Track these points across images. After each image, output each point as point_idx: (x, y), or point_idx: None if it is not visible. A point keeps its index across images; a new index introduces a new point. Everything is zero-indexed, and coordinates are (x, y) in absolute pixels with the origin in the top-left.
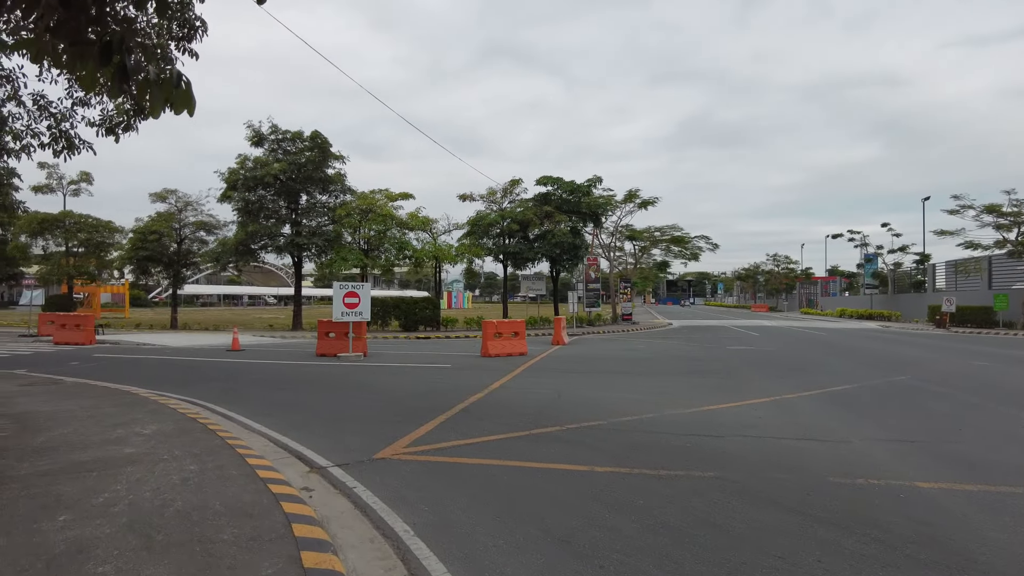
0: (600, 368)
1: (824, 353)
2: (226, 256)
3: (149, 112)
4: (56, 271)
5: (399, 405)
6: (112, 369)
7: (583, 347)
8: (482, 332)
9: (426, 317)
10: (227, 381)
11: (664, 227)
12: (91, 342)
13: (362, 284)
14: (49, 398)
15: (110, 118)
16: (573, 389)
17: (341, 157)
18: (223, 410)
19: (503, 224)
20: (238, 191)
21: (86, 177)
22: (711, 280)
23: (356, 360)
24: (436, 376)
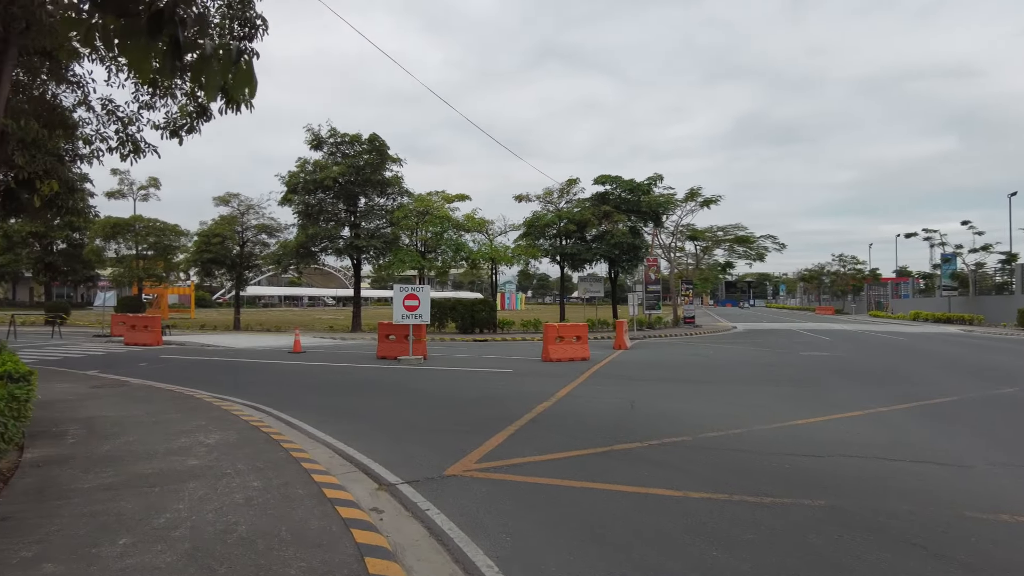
0: (670, 375)
1: (910, 360)
2: (287, 258)
3: (205, 95)
4: (127, 273)
5: (465, 413)
6: (177, 371)
7: (647, 352)
8: (543, 336)
9: (483, 319)
10: (289, 385)
11: (727, 226)
12: (159, 343)
13: (422, 286)
14: (117, 402)
15: (173, 120)
16: (646, 399)
17: (398, 160)
18: (286, 416)
19: (560, 224)
20: (298, 194)
21: (154, 182)
22: (772, 281)
23: (416, 363)
24: (499, 382)
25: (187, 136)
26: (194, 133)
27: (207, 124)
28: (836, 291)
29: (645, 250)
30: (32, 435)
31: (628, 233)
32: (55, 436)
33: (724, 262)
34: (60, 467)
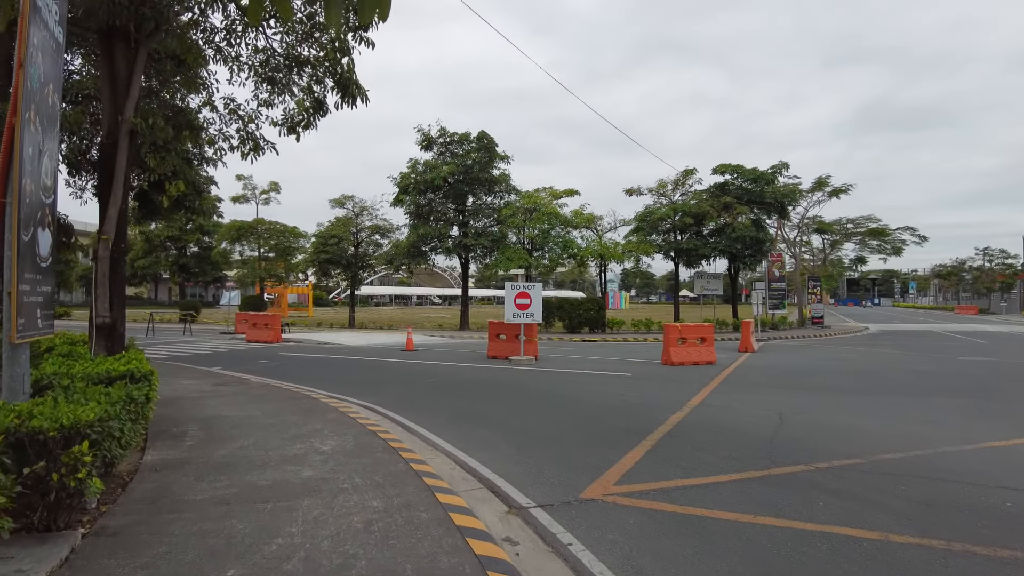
0: (814, 384)
1: None
2: (399, 258)
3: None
4: (250, 274)
5: (591, 422)
6: (295, 369)
7: (778, 355)
8: (663, 337)
9: (591, 319)
10: (404, 384)
11: (857, 218)
12: (278, 340)
13: (533, 284)
14: (236, 401)
15: (291, 117)
16: (795, 411)
17: (506, 157)
18: (402, 419)
19: (675, 218)
20: (409, 195)
21: (275, 187)
22: (900, 279)
23: (528, 364)
24: (620, 386)
25: (304, 132)
26: (311, 129)
27: (323, 120)
28: (979, 289)
29: (769, 244)
30: (154, 435)
31: (751, 226)
32: (175, 437)
33: (855, 257)
34: (176, 472)
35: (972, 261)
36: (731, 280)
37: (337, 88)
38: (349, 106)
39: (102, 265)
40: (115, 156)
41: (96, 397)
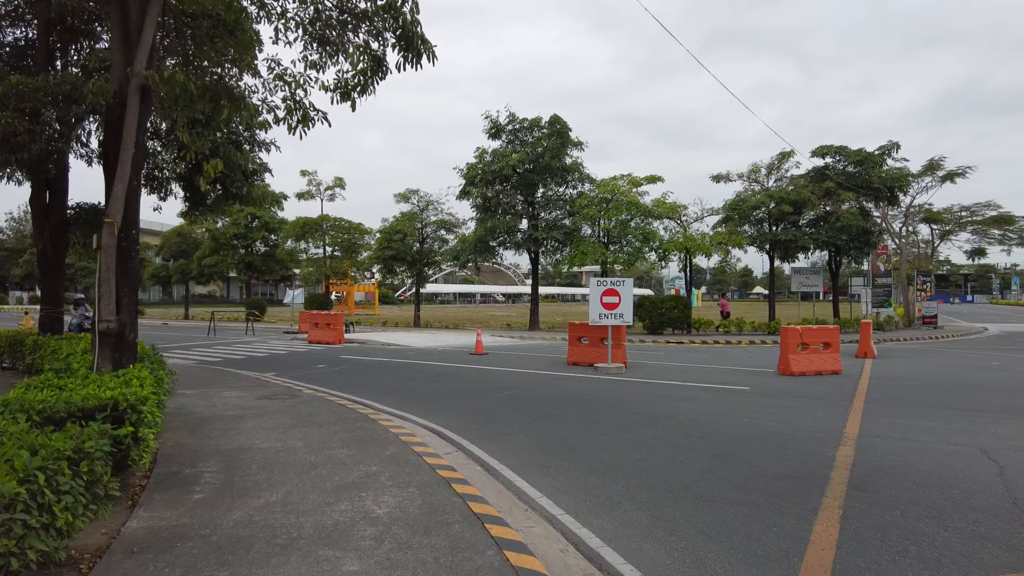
0: (985, 403)
1: None
2: (466, 254)
3: None
4: (316, 272)
5: (730, 461)
6: (355, 376)
7: (908, 363)
8: (781, 342)
9: (675, 318)
10: (478, 398)
11: (973, 205)
12: (340, 341)
13: (622, 280)
14: (278, 422)
15: (345, 81)
16: (1003, 447)
17: (580, 144)
18: (480, 453)
19: (770, 206)
20: (476, 187)
21: (340, 182)
22: (998, 274)
23: (617, 373)
24: (742, 405)
25: (360, 98)
26: (368, 94)
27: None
28: None
29: (878, 235)
30: (160, 478)
31: (857, 214)
32: (183, 484)
33: (973, 248)
34: (158, 559)
35: None
36: (832, 275)
37: (398, 44)
38: (413, 65)
39: (107, 256)
40: (123, 119)
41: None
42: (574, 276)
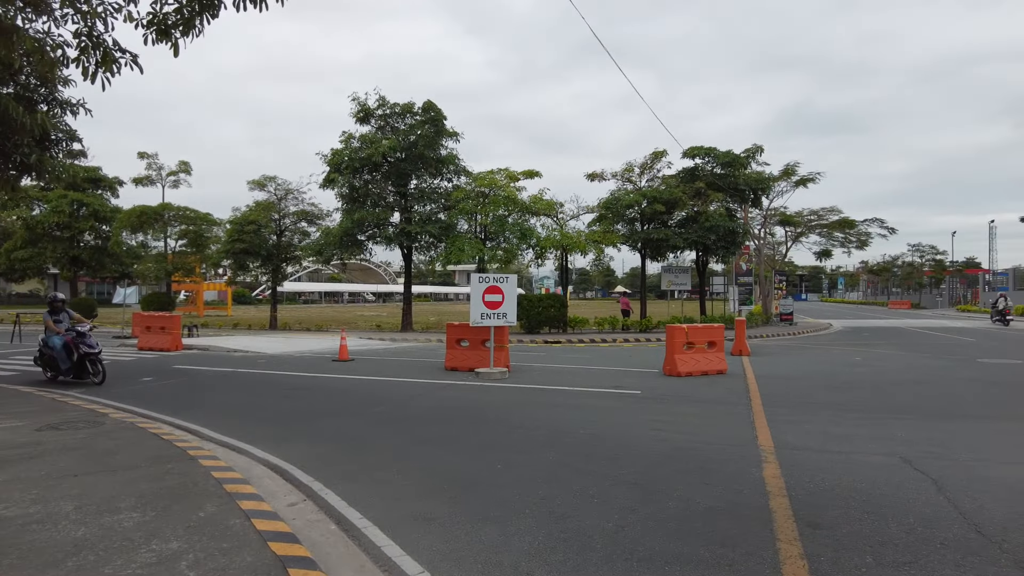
0: (878, 403)
1: None
2: (330, 248)
3: None
4: (156, 267)
5: (653, 494)
6: (188, 392)
7: (783, 360)
8: (667, 341)
9: (552, 317)
10: (341, 418)
11: (820, 210)
12: (177, 348)
13: (505, 277)
14: (53, 468)
15: (164, 16)
16: (926, 455)
17: (455, 134)
18: (341, 506)
19: (643, 205)
20: (342, 174)
21: (185, 167)
22: (826, 274)
23: (501, 378)
24: (642, 415)
25: (185, 38)
26: (194, 34)
27: (215, 19)
28: (912, 284)
29: (743, 235)
30: None
31: (725, 215)
32: None
33: (821, 250)
34: None
35: (904, 257)
36: (700, 274)
37: None
38: (257, 4)
39: None
40: None
41: None
42: (448, 275)
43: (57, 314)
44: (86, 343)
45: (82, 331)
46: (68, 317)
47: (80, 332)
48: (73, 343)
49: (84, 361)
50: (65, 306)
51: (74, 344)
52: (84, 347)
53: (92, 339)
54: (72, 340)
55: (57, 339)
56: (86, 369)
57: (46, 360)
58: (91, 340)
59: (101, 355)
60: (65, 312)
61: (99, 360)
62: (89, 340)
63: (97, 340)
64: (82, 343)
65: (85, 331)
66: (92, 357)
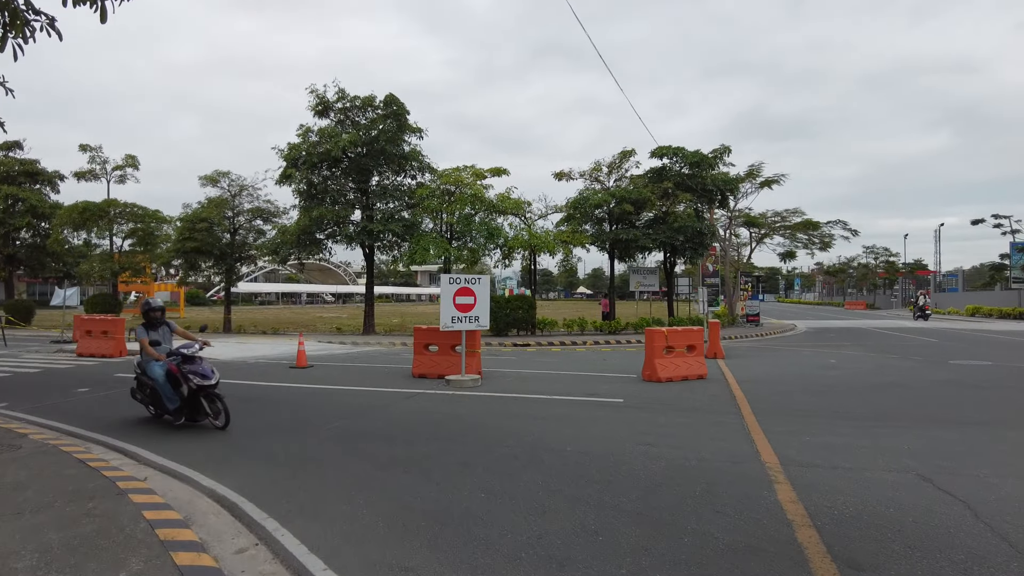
0: (868, 409)
1: None
2: (286, 247)
3: None
4: (99, 267)
5: (661, 527)
6: (127, 404)
7: (757, 363)
8: (646, 344)
9: (520, 319)
10: (298, 435)
11: (784, 212)
12: (121, 354)
13: (478, 277)
14: None
15: None
16: (942, 470)
17: (419, 130)
18: (300, 554)
19: (611, 205)
20: (300, 170)
21: (132, 161)
22: (782, 276)
23: (474, 386)
24: (626, 425)
25: (115, 2)
26: None
27: None
28: (867, 285)
29: (710, 236)
30: None
31: (693, 216)
32: None
33: (785, 251)
34: None
35: (859, 258)
36: (668, 276)
37: None
38: None
39: None
40: None
41: None
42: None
43: (155, 328)
44: (197, 371)
45: (189, 354)
46: (170, 333)
47: (186, 356)
48: (180, 372)
49: (198, 398)
50: (164, 316)
51: (181, 374)
52: (195, 378)
53: (205, 365)
54: (177, 368)
55: (158, 368)
56: (201, 408)
57: (147, 394)
58: (204, 367)
59: (218, 387)
60: (166, 326)
61: (218, 396)
62: (201, 367)
63: (212, 366)
64: (192, 372)
65: (193, 354)
66: (208, 392)
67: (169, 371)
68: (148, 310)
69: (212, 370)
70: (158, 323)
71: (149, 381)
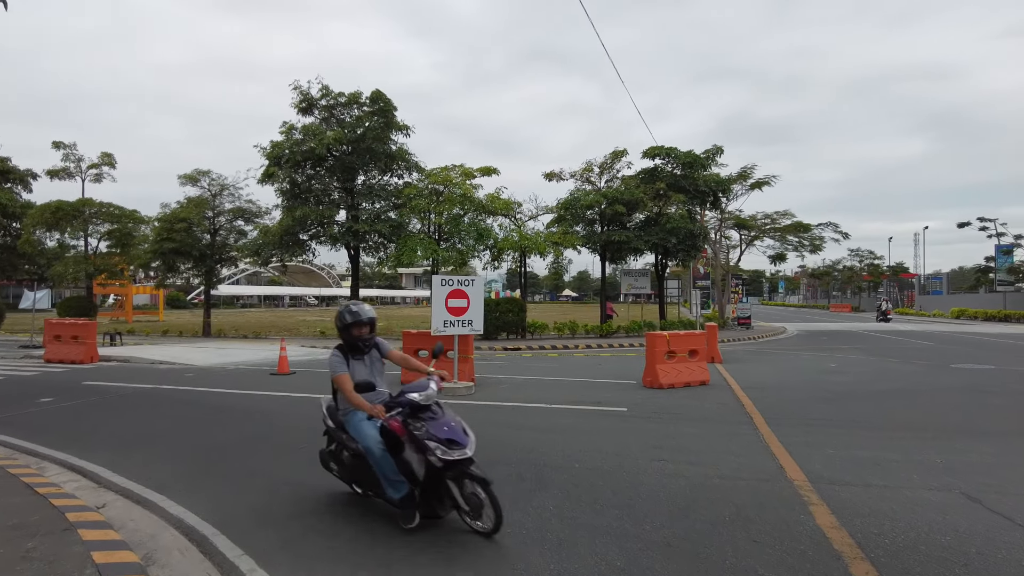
0: (882, 417)
1: None
2: (268, 248)
3: None
4: (73, 268)
5: (700, 564)
6: (92, 416)
7: (757, 368)
8: (647, 349)
9: (510, 322)
10: (279, 453)
11: (774, 214)
12: (92, 359)
13: (471, 279)
14: None
15: None
16: (985, 488)
17: (406, 128)
18: None
19: (602, 206)
20: (283, 168)
21: (108, 159)
22: (766, 278)
23: (467, 394)
24: (636, 437)
25: None
26: None
27: None
28: (851, 288)
29: (703, 238)
30: None
31: (686, 217)
32: None
33: (775, 254)
34: None
35: (844, 261)
36: (659, 278)
37: None
38: None
39: None
40: None
41: None
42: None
43: (360, 355)
44: (439, 432)
45: (421, 401)
46: (381, 361)
47: (417, 404)
48: (409, 435)
49: (442, 478)
50: (375, 333)
51: (411, 438)
52: (437, 446)
53: (450, 418)
54: (403, 427)
55: (368, 427)
56: (447, 496)
57: (349, 464)
58: (448, 422)
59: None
60: (375, 349)
61: (479, 477)
62: (445, 423)
63: (462, 422)
64: (430, 434)
65: (428, 401)
66: (461, 471)
67: (389, 431)
68: (351, 324)
69: (464, 429)
70: (368, 344)
71: (353, 444)
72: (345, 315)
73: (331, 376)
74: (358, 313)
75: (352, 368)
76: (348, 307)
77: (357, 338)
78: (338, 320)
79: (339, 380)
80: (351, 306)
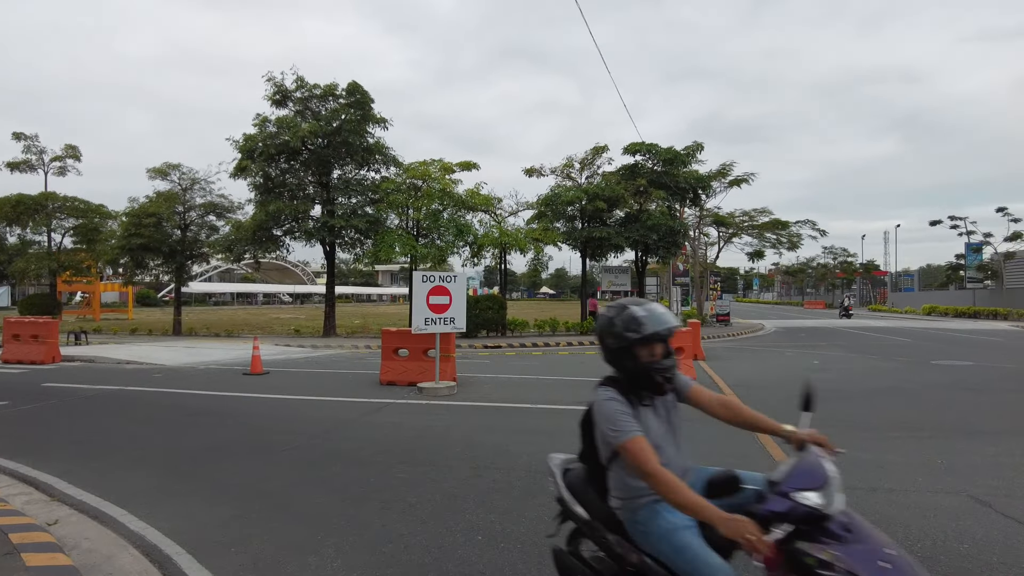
0: (881, 416)
1: None
2: (241, 244)
3: None
4: (36, 265)
5: None
6: (51, 420)
7: (740, 365)
8: None
9: (490, 319)
10: (252, 458)
11: (752, 211)
12: (53, 360)
13: (453, 276)
14: None
15: None
16: (1002, 493)
17: (383, 121)
18: None
19: (583, 203)
20: (256, 162)
21: (72, 152)
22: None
23: (449, 395)
24: None
25: None
26: None
27: None
28: (825, 285)
29: (683, 235)
30: None
31: (667, 214)
32: None
33: (753, 251)
34: None
35: (818, 259)
36: (639, 275)
37: None
38: None
39: None
40: None
41: None
42: (370, 275)
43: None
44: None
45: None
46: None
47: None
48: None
49: None
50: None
51: None
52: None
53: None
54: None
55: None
56: None
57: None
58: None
59: None
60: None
61: None
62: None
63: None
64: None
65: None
66: None
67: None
68: (642, 339)
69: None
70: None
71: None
72: (628, 320)
73: (608, 440)
74: (658, 319)
75: (644, 424)
76: (628, 308)
77: (652, 367)
78: (609, 329)
79: (637, 453)
80: (633, 308)
